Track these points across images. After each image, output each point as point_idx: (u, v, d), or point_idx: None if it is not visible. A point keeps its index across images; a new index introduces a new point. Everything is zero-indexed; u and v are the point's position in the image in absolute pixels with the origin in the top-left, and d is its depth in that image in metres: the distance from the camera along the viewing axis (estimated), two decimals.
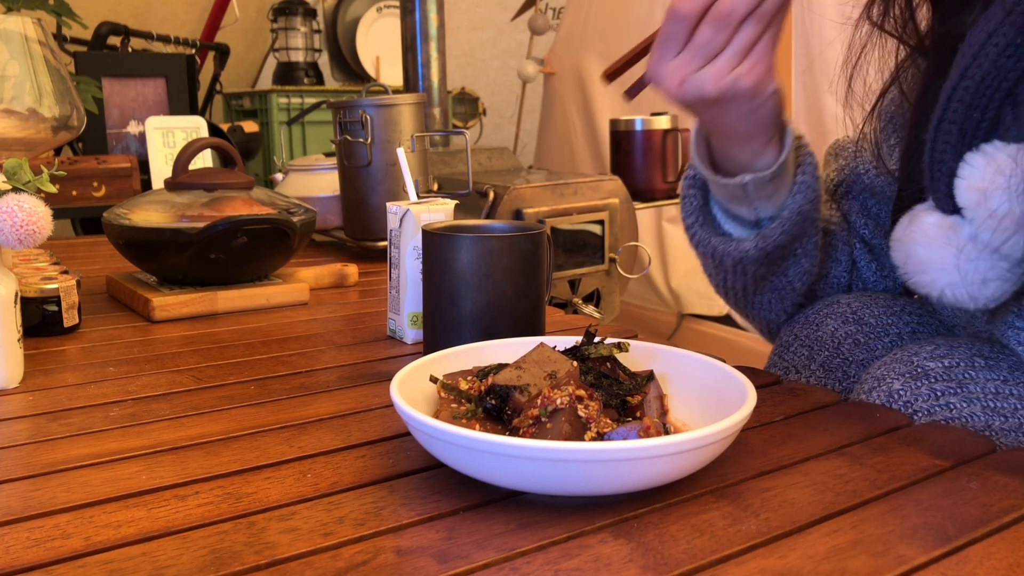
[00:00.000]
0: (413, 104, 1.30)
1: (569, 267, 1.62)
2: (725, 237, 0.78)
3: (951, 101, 0.62)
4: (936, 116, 0.63)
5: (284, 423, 0.62)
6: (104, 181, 1.79)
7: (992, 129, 0.61)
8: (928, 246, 0.64)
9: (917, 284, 0.66)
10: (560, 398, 0.52)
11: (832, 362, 0.77)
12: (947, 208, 0.63)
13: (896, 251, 0.68)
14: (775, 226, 0.74)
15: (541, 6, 3.01)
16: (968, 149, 0.61)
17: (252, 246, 0.97)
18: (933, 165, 0.64)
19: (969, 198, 0.61)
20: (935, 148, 0.63)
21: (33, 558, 0.43)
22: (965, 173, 0.61)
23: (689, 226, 0.80)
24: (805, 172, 0.74)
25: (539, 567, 0.42)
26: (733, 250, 0.77)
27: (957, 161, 0.62)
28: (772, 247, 0.75)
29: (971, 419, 0.62)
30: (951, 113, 0.62)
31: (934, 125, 0.63)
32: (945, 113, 0.62)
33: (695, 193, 0.79)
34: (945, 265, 0.63)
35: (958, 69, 0.62)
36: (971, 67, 0.60)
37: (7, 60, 0.83)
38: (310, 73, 3.06)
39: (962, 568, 0.42)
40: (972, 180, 0.61)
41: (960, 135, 0.62)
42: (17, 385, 0.72)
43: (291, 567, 0.42)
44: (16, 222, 0.66)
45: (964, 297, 0.63)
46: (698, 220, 0.79)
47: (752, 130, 0.70)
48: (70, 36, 2.26)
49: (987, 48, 0.60)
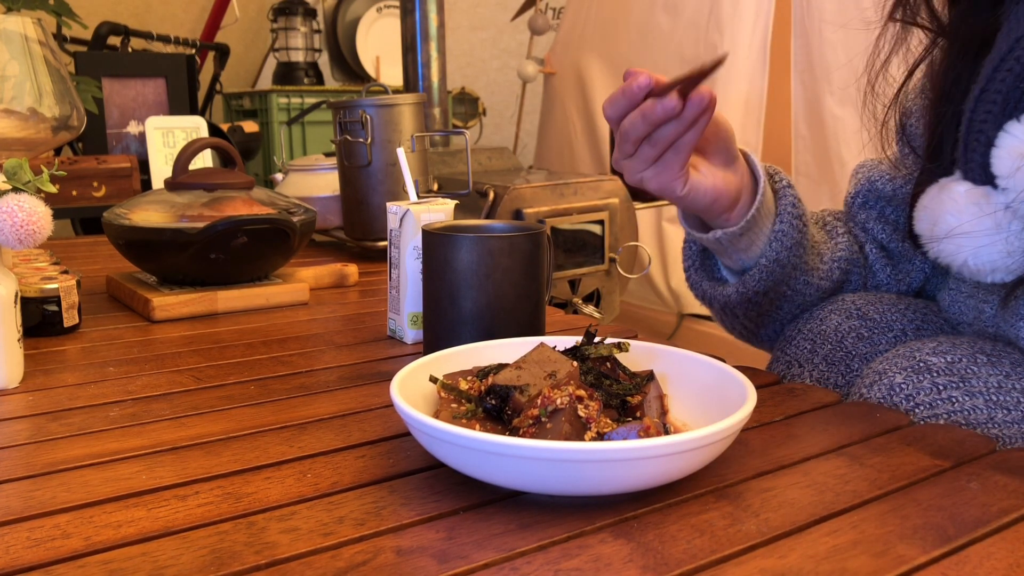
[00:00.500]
0: (413, 104, 1.30)
1: (569, 267, 1.62)
2: (716, 282, 0.82)
3: (997, 71, 0.62)
4: (979, 86, 0.64)
5: (284, 423, 0.62)
6: (104, 181, 1.79)
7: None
8: (957, 214, 0.65)
9: (940, 252, 0.67)
10: (560, 398, 0.52)
11: (835, 356, 0.78)
12: (979, 178, 0.64)
13: (922, 220, 0.68)
14: (754, 273, 0.77)
15: (541, 6, 3.01)
16: (1009, 120, 0.62)
17: (252, 246, 0.97)
18: (970, 135, 0.64)
19: (1007, 166, 0.62)
20: (974, 118, 0.64)
21: (33, 558, 0.43)
22: (1004, 142, 0.62)
23: (685, 270, 0.85)
24: (783, 220, 0.76)
25: (539, 567, 0.42)
26: (719, 295, 0.81)
27: (996, 131, 0.62)
28: (752, 294, 0.78)
29: (973, 412, 0.62)
30: (997, 83, 0.62)
31: (975, 96, 0.64)
32: (990, 84, 0.63)
33: (694, 240, 0.83)
34: (975, 233, 0.64)
35: (1008, 39, 0.62)
36: (1023, 39, 0.61)
37: (7, 60, 0.83)
38: (310, 73, 3.06)
39: (962, 568, 0.42)
40: (1012, 147, 0.61)
41: (1003, 105, 0.62)
42: (17, 385, 0.72)
43: (291, 567, 0.42)
44: (16, 222, 0.66)
45: (987, 266, 0.64)
46: (693, 265, 0.84)
47: (701, 209, 0.74)
48: (70, 36, 2.26)
49: None
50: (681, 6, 2.38)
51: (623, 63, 2.60)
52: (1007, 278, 0.64)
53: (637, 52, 2.54)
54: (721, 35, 2.23)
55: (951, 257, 0.65)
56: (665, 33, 2.42)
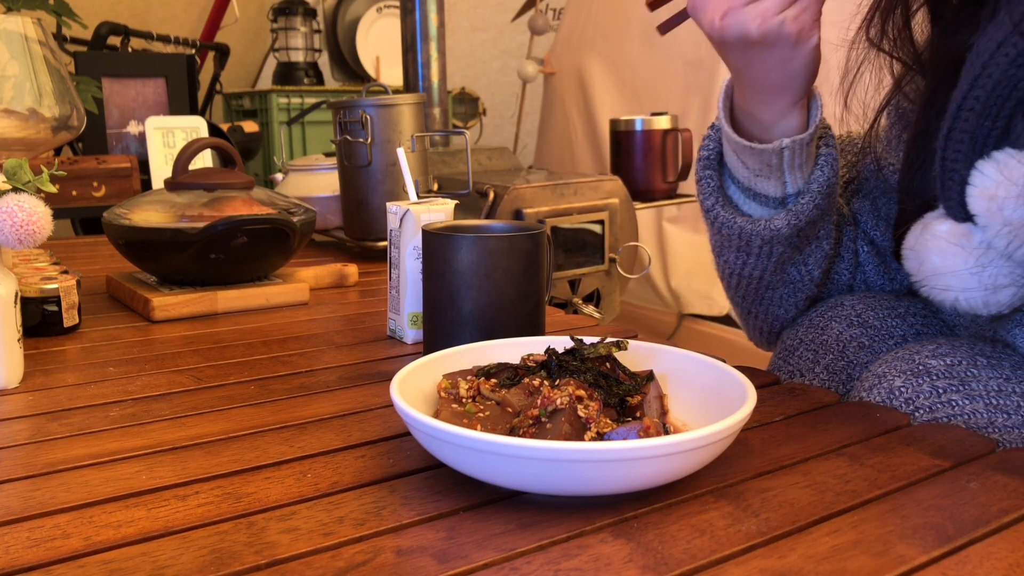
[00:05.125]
0: (413, 104, 1.30)
1: (569, 267, 1.62)
2: (749, 218, 0.76)
3: (961, 110, 0.62)
4: (947, 125, 0.63)
5: (284, 423, 0.62)
6: (104, 181, 1.79)
7: (1003, 137, 0.62)
8: (941, 254, 0.64)
9: (931, 292, 0.66)
10: (560, 398, 0.52)
11: (837, 365, 0.77)
12: (959, 216, 0.64)
13: (909, 260, 0.68)
14: (806, 200, 0.72)
15: (541, 6, 3.01)
16: (979, 157, 0.62)
17: (252, 246, 0.97)
18: (944, 174, 0.64)
19: (981, 206, 0.62)
20: (946, 156, 0.63)
21: (33, 558, 0.43)
22: (977, 181, 0.62)
23: (710, 208, 0.77)
24: (829, 144, 0.73)
25: (539, 567, 0.42)
26: (763, 229, 0.74)
27: (968, 169, 0.62)
28: (805, 223, 0.73)
29: (973, 416, 0.62)
30: (962, 122, 0.62)
31: (944, 134, 0.63)
32: (955, 122, 0.62)
33: (711, 174, 0.77)
34: (959, 272, 0.64)
35: (968, 78, 0.62)
36: (981, 76, 0.61)
37: (7, 60, 0.83)
38: (310, 73, 3.06)
39: (962, 568, 0.42)
40: (984, 188, 0.61)
41: (971, 143, 0.62)
42: (17, 385, 0.72)
43: (291, 567, 0.42)
44: (16, 222, 0.66)
45: (979, 304, 0.64)
46: (719, 201, 0.76)
47: (785, 83, 0.68)
48: (70, 36, 2.25)
49: (997, 58, 0.60)
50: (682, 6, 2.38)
51: (623, 63, 2.61)
52: (1003, 311, 0.64)
53: (637, 52, 2.54)
54: None
55: (942, 296, 0.65)
56: None
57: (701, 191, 0.78)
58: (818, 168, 0.73)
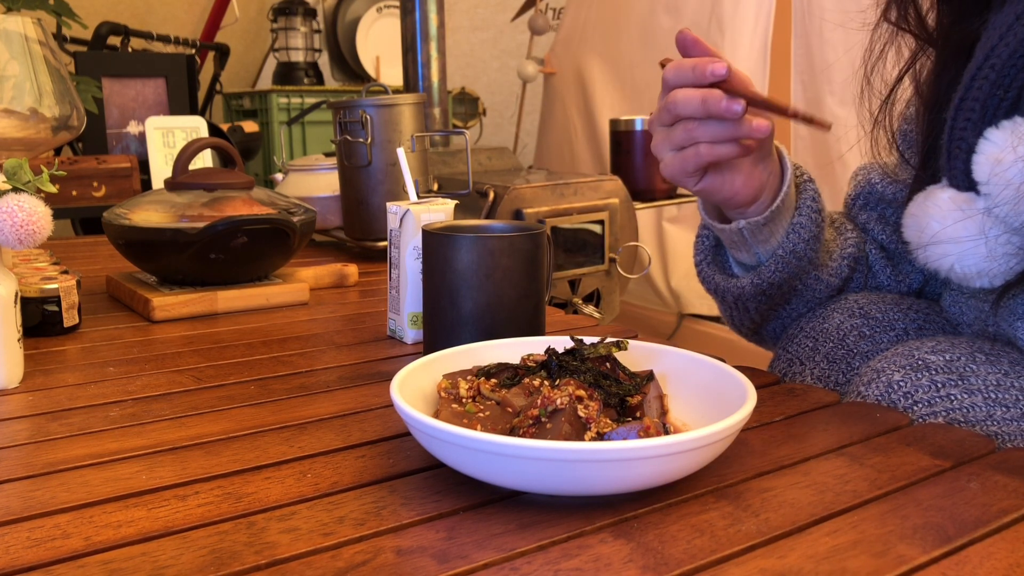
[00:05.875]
0: (413, 104, 1.30)
1: (569, 267, 1.62)
2: (727, 275, 0.82)
3: (975, 80, 0.63)
4: (959, 94, 0.64)
5: (284, 423, 0.62)
6: (104, 181, 1.79)
7: (1013, 108, 0.62)
8: (941, 219, 0.65)
9: (928, 258, 0.67)
10: (560, 398, 0.52)
11: (836, 353, 0.78)
12: (963, 184, 0.64)
13: (909, 226, 0.69)
14: (769, 264, 0.77)
15: (541, 6, 3.01)
16: (988, 126, 0.62)
17: (252, 246, 0.97)
18: (952, 142, 0.65)
19: (986, 171, 0.62)
20: (955, 125, 0.64)
21: (33, 558, 0.43)
22: (984, 148, 0.62)
23: (697, 263, 0.85)
24: (802, 213, 0.76)
25: (539, 567, 0.42)
26: (732, 287, 0.81)
27: (977, 138, 0.63)
28: (767, 285, 0.78)
29: (972, 410, 0.62)
30: (975, 91, 0.63)
31: (955, 104, 0.64)
32: (968, 91, 0.63)
33: (707, 234, 0.84)
34: (956, 237, 0.64)
35: (984, 48, 0.63)
36: (998, 47, 0.62)
37: (7, 60, 0.83)
38: (310, 73, 3.06)
39: (962, 568, 0.42)
40: (990, 153, 0.62)
41: (982, 112, 0.63)
42: (17, 385, 0.72)
43: (291, 567, 0.42)
44: (16, 222, 0.66)
45: (973, 272, 0.64)
46: (706, 259, 0.84)
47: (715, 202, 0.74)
48: (70, 36, 2.26)
49: (1015, 28, 0.61)
50: (682, 6, 2.38)
51: (623, 63, 2.61)
52: (994, 283, 0.65)
53: (637, 52, 2.54)
54: (722, 35, 2.23)
55: (938, 262, 0.66)
56: (666, 33, 2.41)
57: (695, 248, 0.85)
58: (786, 236, 0.76)
